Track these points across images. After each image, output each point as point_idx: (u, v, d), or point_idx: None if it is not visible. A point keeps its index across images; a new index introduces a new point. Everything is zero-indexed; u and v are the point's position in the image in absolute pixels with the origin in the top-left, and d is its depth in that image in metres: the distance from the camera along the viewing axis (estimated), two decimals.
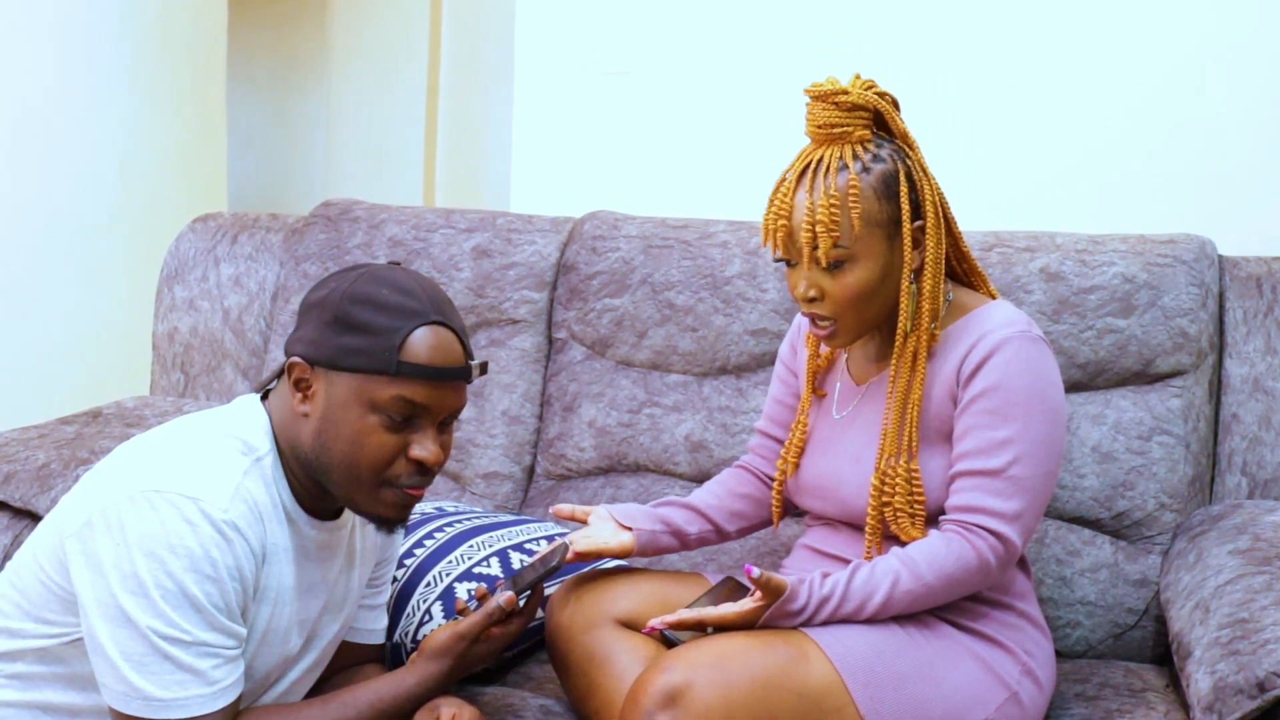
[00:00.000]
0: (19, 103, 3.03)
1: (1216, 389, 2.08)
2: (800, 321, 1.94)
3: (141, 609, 1.35)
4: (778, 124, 2.97)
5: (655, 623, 1.61)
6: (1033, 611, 1.73)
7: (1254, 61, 2.66)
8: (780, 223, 1.64)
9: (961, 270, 1.78)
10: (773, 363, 2.22)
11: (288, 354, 1.50)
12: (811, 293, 1.66)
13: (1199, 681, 1.58)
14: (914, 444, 1.67)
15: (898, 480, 1.66)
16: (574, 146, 3.16)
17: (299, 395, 1.48)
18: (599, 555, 1.75)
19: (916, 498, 1.66)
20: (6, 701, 1.47)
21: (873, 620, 1.61)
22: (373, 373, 1.44)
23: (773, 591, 1.58)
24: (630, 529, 1.78)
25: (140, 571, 1.35)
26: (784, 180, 1.67)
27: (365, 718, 1.50)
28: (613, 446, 2.30)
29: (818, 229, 1.61)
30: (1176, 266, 2.05)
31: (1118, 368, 2.05)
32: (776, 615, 1.59)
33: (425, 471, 1.49)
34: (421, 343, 1.45)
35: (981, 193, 2.60)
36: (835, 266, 1.63)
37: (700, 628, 1.61)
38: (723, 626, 1.60)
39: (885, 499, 1.66)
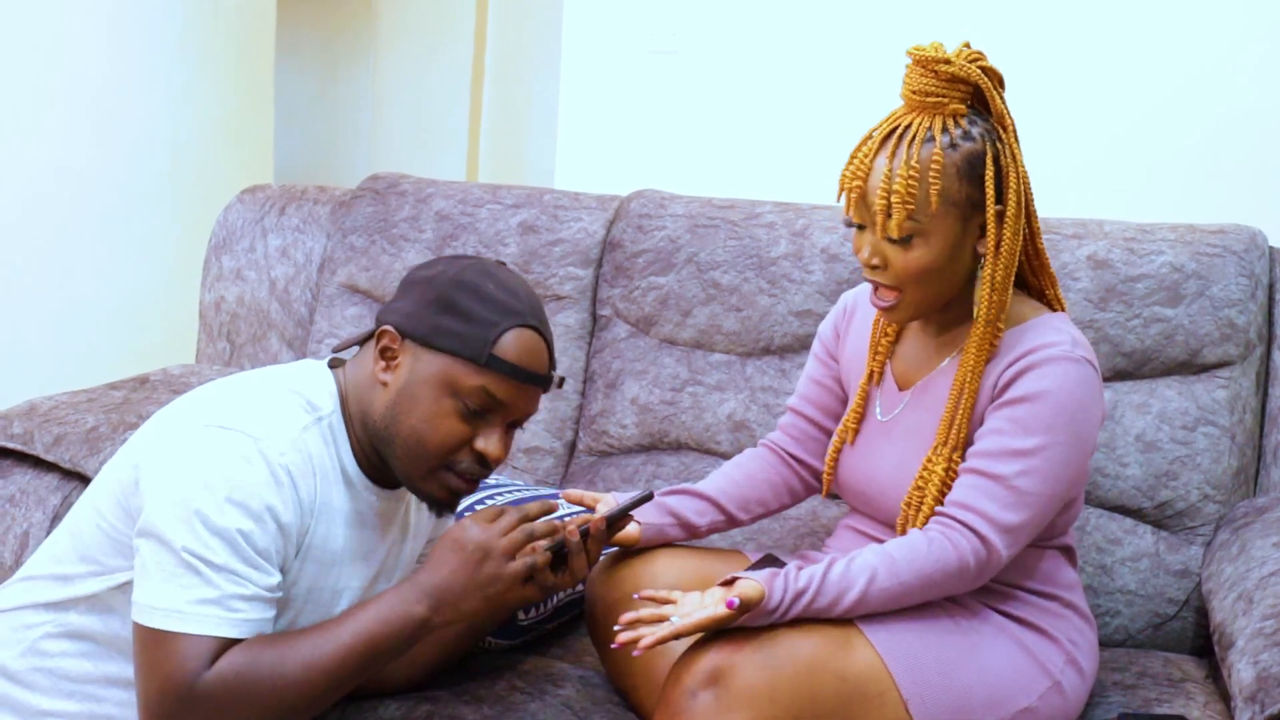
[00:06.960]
0: (72, 74, 3.06)
1: (1264, 381, 2.06)
2: (845, 302, 1.91)
3: (182, 529, 1.38)
4: (826, 106, 2.97)
5: (625, 638, 1.49)
6: (1079, 602, 1.72)
7: None
8: (856, 183, 1.61)
9: (1032, 268, 1.72)
10: None
11: (379, 322, 1.53)
12: (875, 260, 1.63)
13: (1241, 672, 1.57)
14: (961, 434, 1.64)
15: (934, 473, 1.63)
16: (620, 125, 3.17)
17: (382, 363, 1.52)
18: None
19: (949, 489, 1.63)
20: (70, 675, 1.50)
21: (847, 616, 1.57)
22: (462, 358, 1.48)
23: (744, 608, 1.52)
24: (639, 522, 1.76)
25: (190, 496, 1.39)
26: (868, 139, 1.63)
27: (357, 643, 1.44)
28: (655, 424, 2.31)
29: (893, 199, 1.57)
30: (1226, 257, 2.03)
31: (1164, 357, 2.04)
32: (753, 617, 1.54)
33: (484, 464, 1.52)
34: (514, 342, 1.49)
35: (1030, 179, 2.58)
36: (904, 240, 1.60)
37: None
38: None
39: (919, 489, 1.64)
